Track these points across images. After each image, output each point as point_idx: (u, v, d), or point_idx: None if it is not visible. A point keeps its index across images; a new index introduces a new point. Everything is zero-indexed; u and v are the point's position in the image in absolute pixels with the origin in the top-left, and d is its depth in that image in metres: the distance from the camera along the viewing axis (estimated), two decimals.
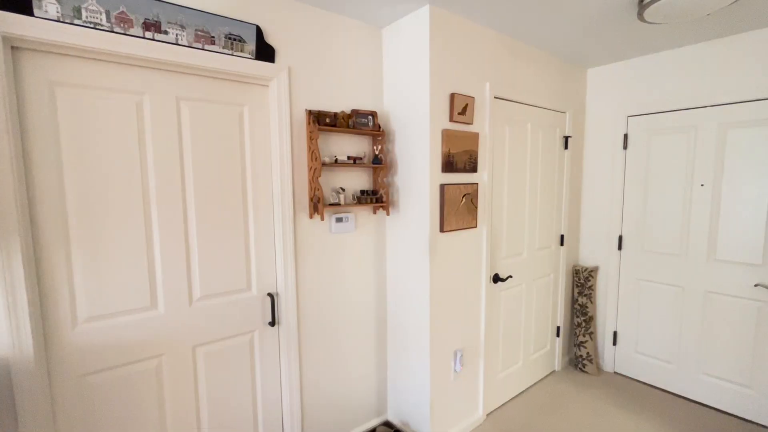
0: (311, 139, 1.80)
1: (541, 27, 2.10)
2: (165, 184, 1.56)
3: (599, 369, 3.03)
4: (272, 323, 1.85)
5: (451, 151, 1.99)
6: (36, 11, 1.22)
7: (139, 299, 1.54)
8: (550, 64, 2.59)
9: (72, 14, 1.27)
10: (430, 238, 1.96)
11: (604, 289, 2.99)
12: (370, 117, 2.01)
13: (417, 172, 1.99)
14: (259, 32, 1.66)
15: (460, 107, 2.00)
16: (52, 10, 1.24)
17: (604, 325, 3.00)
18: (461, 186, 2.06)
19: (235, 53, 1.61)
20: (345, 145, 2.02)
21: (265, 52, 1.69)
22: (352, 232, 2.09)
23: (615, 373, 2.98)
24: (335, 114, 1.90)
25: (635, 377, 2.88)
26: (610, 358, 2.99)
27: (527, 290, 2.67)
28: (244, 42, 1.63)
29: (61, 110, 1.34)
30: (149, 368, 1.58)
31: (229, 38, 1.58)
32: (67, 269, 1.39)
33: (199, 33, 1.51)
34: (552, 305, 2.92)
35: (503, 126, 2.34)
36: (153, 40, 1.42)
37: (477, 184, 2.15)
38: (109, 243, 1.46)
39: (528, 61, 2.41)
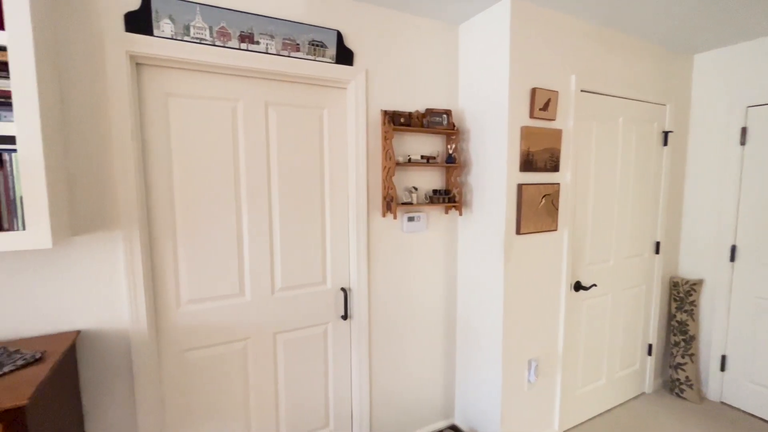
0: (386, 138, 1.83)
1: (638, 11, 1.89)
2: (254, 184, 1.70)
3: (701, 396, 2.66)
4: (344, 317, 1.92)
5: (531, 150, 1.88)
6: (155, 31, 1.40)
7: (229, 286, 1.70)
8: (648, 51, 2.32)
9: (182, 32, 1.44)
10: (505, 241, 1.88)
11: (709, 305, 2.61)
12: (444, 115, 1.98)
13: (492, 172, 1.92)
14: (339, 37, 1.73)
15: (542, 102, 1.88)
16: (167, 29, 1.42)
17: (710, 347, 2.62)
18: (541, 186, 1.94)
19: (317, 58, 1.69)
20: (418, 144, 2.02)
21: (344, 55, 1.76)
22: (423, 231, 2.09)
23: (722, 403, 2.58)
24: (410, 113, 1.90)
25: (747, 410, 2.47)
26: (716, 385, 2.60)
27: (614, 301, 2.43)
28: (326, 47, 1.71)
29: (172, 118, 1.53)
30: (237, 349, 1.74)
31: (312, 44, 1.67)
32: (174, 257, 1.59)
33: (286, 41, 1.62)
34: (643, 320, 2.62)
35: (590, 121, 2.15)
36: (247, 50, 1.55)
37: (558, 184, 2.01)
38: (206, 235, 1.63)
39: (621, 49, 2.19)
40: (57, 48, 1.30)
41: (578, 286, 2.20)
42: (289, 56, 1.63)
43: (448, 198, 2.02)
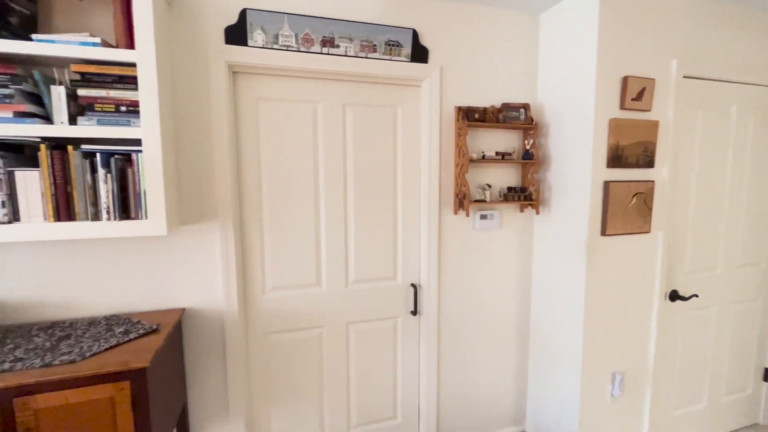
0: (459, 135, 1.81)
1: None
2: (331, 181, 1.79)
3: None
4: (414, 313, 1.95)
5: (620, 144, 1.73)
6: (249, 42, 1.55)
7: (307, 277, 1.81)
8: None
9: (272, 41, 1.57)
10: (588, 242, 1.75)
11: None
12: (521, 110, 1.90)
13: (575, 168, 1.80)
14: (414, 35, 1.75)
15: (635, 92, 1.72)
16: (260, 39, 1.56)
17: None
18: (632, 183, 1.77)
19: (393, 58, 1.73)
20: (493, 140, 1.97)
21: (419, 53, 1.77)
22: (496, 230, 2.03)
23: None
24: (484, 109, 1.86)
25: None
26: None
27: (719, 315, 2.13)
28: (401, 46, 1.73)
29: (261, 120, 1.68)
30: (313, 336, 1.85)
31: (389, 44, 1.71)
32: (260, 247, 1.74)
33: (364, 43, 1.68)
34: (757, 340, 2.26)
35: (694, 111, 1.91)
36: (328, 54, 1.64)
37: (653, 181, 1.81)
38: (288, 228, 1.76)
39: (733, 25, 1.90)
40: (172, 62, 1.50)
41: (675, 296, 1.96)
42: (366, 57, 1.69)
43: (524, 196, 1.93)
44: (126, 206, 1.31)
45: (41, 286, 1.45)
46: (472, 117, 1.83)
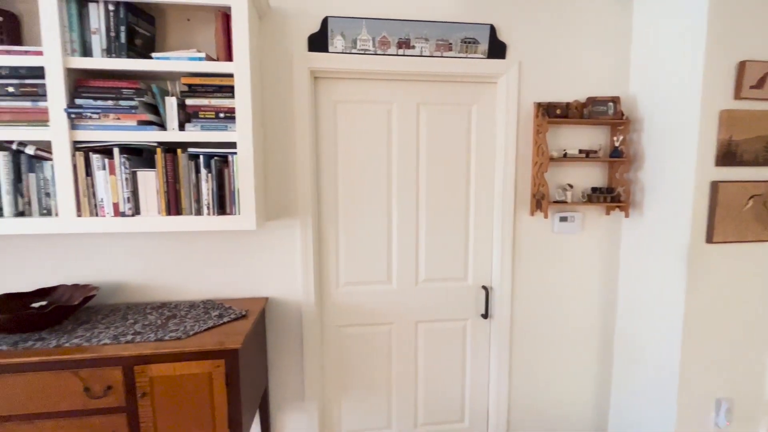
0: (538, 132, 1.72)
1: None
2: (403, 180, 1.81)
3: None
4: (485, 316, 1.90)
5: (734, 138, 1.51)
6: (330, 48, 1.63)
7: (378, 274, 1.86)
8: None
9: (351, 45, 1.63)
10: (689, 250, 1.56)
11: None
12: (610, 104, 1.75)
13: (674, 166, 1.61)
14: (492, 31, 1.70)
15: (755, 79, 1.49)
16: (339, 44, 1.63)
17: None
18: (748, 184, 1.53)
19: (468, 55, 1.70)
20: (576, 137, 1.84)
21: (496, 49, 1.72)
22: (577, 233, 1.89)
23: None
24: (567, 104, 1.75)
25: None
26: None
27: None
28: (478, 43, 1.70)
29: (339, 122, 1.76)
30: (383, 331, 1.90)
31: (465, 42, 1.69)
32: (335, 243, 1.82)
33: (440, 42, 1.67)
34: None
35: None
36: (403, 55, 1.66)
37: None
38: (361, 226, 1.82)
39: None
40: (261, 70, 1.63)
41: None
42: (441, 56, 1.68)
43: (611, 197, 1.78)
44: (222, 203, 1.46)
45: (153, 272, 1.68)
46: (553, 113, 1.73)
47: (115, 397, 1.24)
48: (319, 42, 1.63)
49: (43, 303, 1.52)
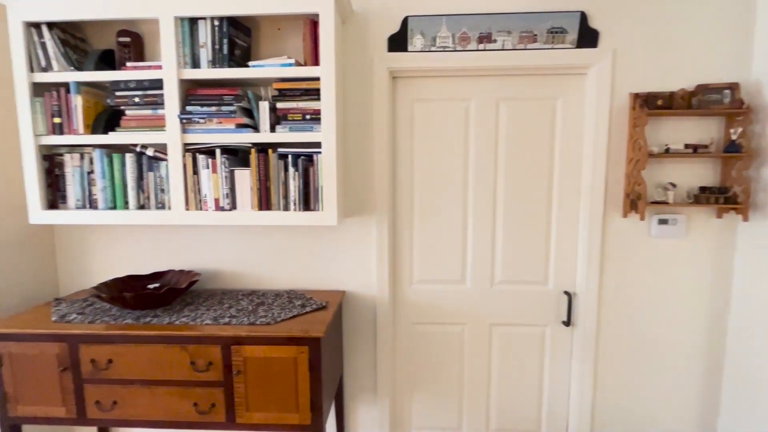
0: (635, 126, 1.56)
1: None
2: (480, 178, 1.77)
3: None
4: (566, 323, 1.78)
5: None
6: (409, 47, 1.64)
7: (452, 273, 1.84)
8: None
9: (430, 44, 1.63)
10: None
11: None
12: (726, 91, 1.53)
13: None
14: (582, 18, 1.58)
15: None
16: (419, 43, 1.64)
17: None
18: None
19: (555, 46, 1.60)
20: (681, 130, 1.64)
21: (587, 37, 1.60)
22: (680, 237, 1.69)
23: None
24: (671, 94, 1.56)
25: None
26: None
27: None
28: (566, 32, 1.59)
29: (415, 120, 1.77)
30: (455, 332, 1.87)
31: (551, 32, 1.59)
32: (410, 241, 1.84)
33: (523, 34, 1.60)
34: None
35: None
36: (484, 50, 1.62)
37: None
38: (436, 224, 1.81)
39: None
40: (343, 72, 1.70)
41: None
42: (525, 49, 1.61)
43: (724, 197, 1.56)
44: (307, 199, 1.55)
45: (244, 261, 1.84)
46: (653, 104, 1.56)
47: (214, 373, 1.38)
48: (398, 42, 1.65)
49: (157, 285, 1.74)
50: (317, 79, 1.50)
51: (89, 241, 1.87)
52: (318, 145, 1.53)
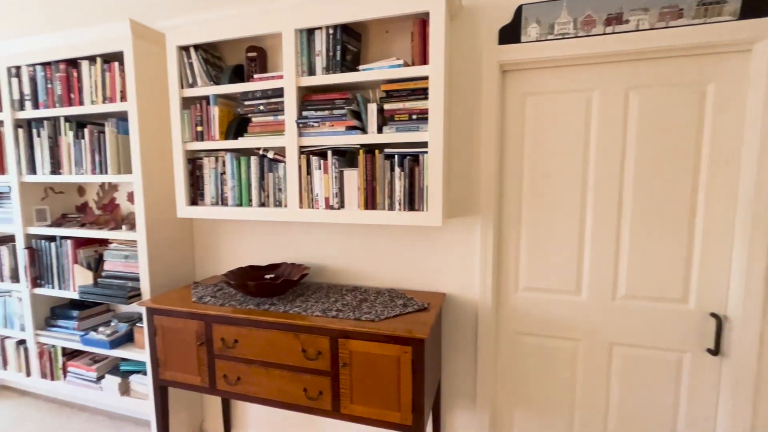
0: None
1: None
2: (603, 178, 1.57)
3: None
4: (713, 351, 1.48)
5: None
6: (522, 38, 1.54)
7: (564, 282, 1.67)
8: None
9: (547, 32, 1.50)
10: None
11: None
12: None
13: None
14: None
15: None
16: (533, 32, 1.52)
17: None
18: None
19: (708, 20, 1.34)
20: None
21: (755, 6, 1.31)
22: None
23: None
24: None
25: None
26: None
27: None
28: (724, 2, 1.32)
29: (527, 116, 1.65)
30: (566, 347, 1.70)
31: (703, 4, 1.34)
32: (516, 245, 1.72)
33: (664, 11, 1.38)
34: None
35: None
36: (612, 33, 1.43)
37: None
38: (547, 228, 1.67)
39: None
40: (450, 69, 1.66)
41: None
42: (666, 27, 1.38)
43: None
44: (412, 199, 1.55)
45: (348, 258, 1.91)
46: None
47: (323, 362, 1.46)
48: (510, 33, 1.55)
49: (273, 275, 1.91)
50: (425, 78, 1.49)
51: (220, 233, 2.14)
52: (424, 144, 1.52)
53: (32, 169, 2.12)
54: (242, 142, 1.75)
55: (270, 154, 1.75)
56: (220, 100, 1.80)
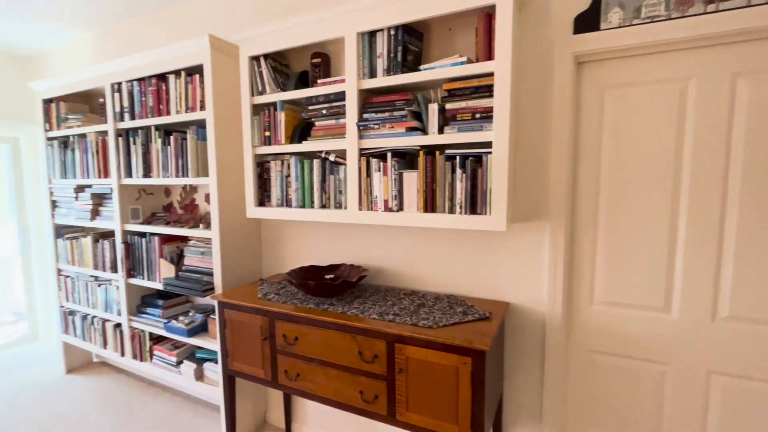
0: None
1: None
2: (700, 181, 1.37)
3: None
4: None
5: None
6: (602, 25, 1.39)
7: (651, 297, 1.47)
8: None
9: (632, 16, 1.34)
10: None
11: None
12: None
13: None
14: None
15: None
16: (615, 18, 1.37)
17: None
18: None
19: None
20: None
21: None
22: None
23: None
24: None
25: None
26: None
27: None
28: None
29: (606, 111, 1.49)
30: (651, 372, 1.50)
31: None
32: (591, 253, 1.56)
33: None
34: None
35: None
36: (715, 12, 1.24)
37: None
38: (629, 235, 1.49)
39: None
40: (517, 63, 1.56)
41: None
42: None
43: None
44: (474, 202, 1.47)
45: (406, 261, 1.88)
46: None
47: (379, 366, 1.44)
48: (587, 21, 1.41)
49: (332, 276, 1.94)
50: (489, 75, 1.41)
51: (284, 233, 2.23)
52: (488, 144, 1.44)
53: (128, 173, 2.39)
54: (306, 146, 1.80)
55: (331, 157, 1.78)
56: (286, 106, 1.87)
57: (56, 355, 3.36)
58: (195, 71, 2.10)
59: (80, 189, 2.69)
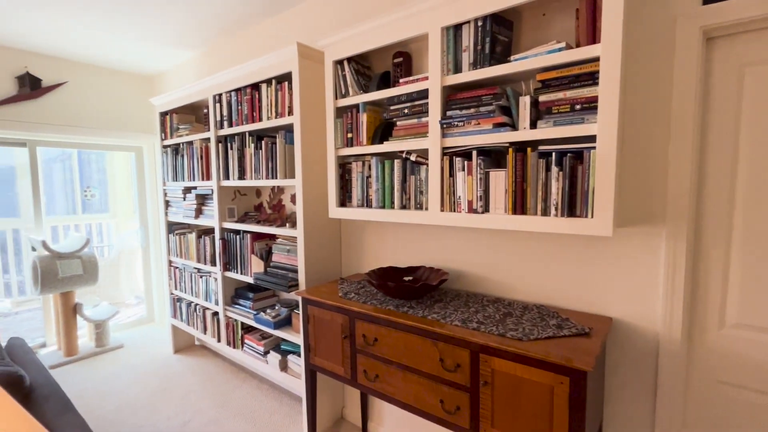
0: None
1: None
2: None
3: None
4: None
5: None
6: None
7: None
8: None
9: None
10: None
11: None
12: None
13: None
14: None
15: None
16: None
17: None
18: None
19: None
20: None
21: None
22: None
23: None
24: None
25: None
26: None
27: None
28: None
29: (745, 94, 1.23)
30: None
31: None
32: (723, 267, 1.30)
33: None
34: None
35: None
36: None
37: None
38: None
39: None
40: (626, 45, 1.36)
41: None
42: None
43: None
44: (572, 203, 1.32)
45: (491, 266, 1.77)
46: None
47: (461, 376, 1.36)
48: None
49: (411, 278, 1.91)
50: (593, 60, 1.25)
51: (364, 233, 2.26)
52: (590, 139, 1.28)
53: (226, 176, 2.62)
54: (387, 146, 1.79)
55: (413, 157, 1.74)
56: (368, 107, 1.88)
57: (167, 336, 3.83)
58: (284, 79, 2.22)
59: (187, 190, 3.03)
